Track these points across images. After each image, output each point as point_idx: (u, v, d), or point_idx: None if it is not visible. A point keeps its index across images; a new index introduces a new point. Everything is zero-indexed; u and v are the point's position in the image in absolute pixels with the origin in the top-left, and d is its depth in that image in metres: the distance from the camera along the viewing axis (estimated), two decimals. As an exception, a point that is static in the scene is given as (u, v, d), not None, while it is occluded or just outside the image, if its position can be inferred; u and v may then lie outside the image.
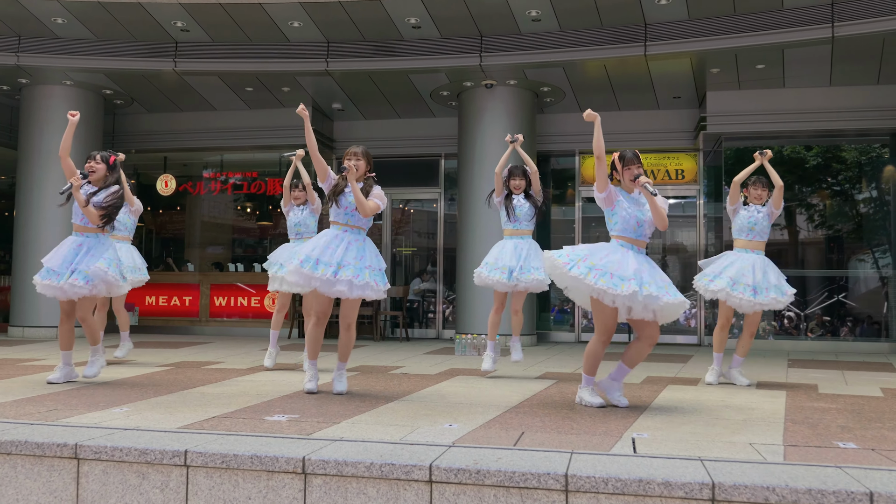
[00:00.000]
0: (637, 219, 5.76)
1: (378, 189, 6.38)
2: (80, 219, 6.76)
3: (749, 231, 7.40)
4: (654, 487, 3.60)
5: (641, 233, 5.79)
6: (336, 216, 6.31)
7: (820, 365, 9.63)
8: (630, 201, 5.82)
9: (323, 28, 11.58)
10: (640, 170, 5.84)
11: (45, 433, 4.48)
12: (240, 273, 14.51)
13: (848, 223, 13.14)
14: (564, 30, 11.39)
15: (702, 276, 7.45)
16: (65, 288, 6.55)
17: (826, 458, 4.14)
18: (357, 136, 14.76)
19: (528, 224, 7.78)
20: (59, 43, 12.17)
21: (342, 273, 6.07)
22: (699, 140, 13.30)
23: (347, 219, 6.28)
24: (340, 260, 6.10)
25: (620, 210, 5.77)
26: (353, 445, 4.24)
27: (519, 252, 7.63)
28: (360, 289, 6.11)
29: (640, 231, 5.79)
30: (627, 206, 5.79)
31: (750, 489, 3.53)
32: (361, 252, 6.21)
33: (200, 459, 4.09)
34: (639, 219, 5.76)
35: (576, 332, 14.00)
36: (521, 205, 7.76)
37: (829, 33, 10.36)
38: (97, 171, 6.82)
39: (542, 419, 5.26)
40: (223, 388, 6.73)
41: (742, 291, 7.10)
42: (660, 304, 5.51)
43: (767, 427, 5.09)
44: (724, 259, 7.44)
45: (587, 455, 4.07)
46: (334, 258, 6.09)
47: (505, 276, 7.54)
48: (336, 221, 6.31)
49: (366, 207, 6.18)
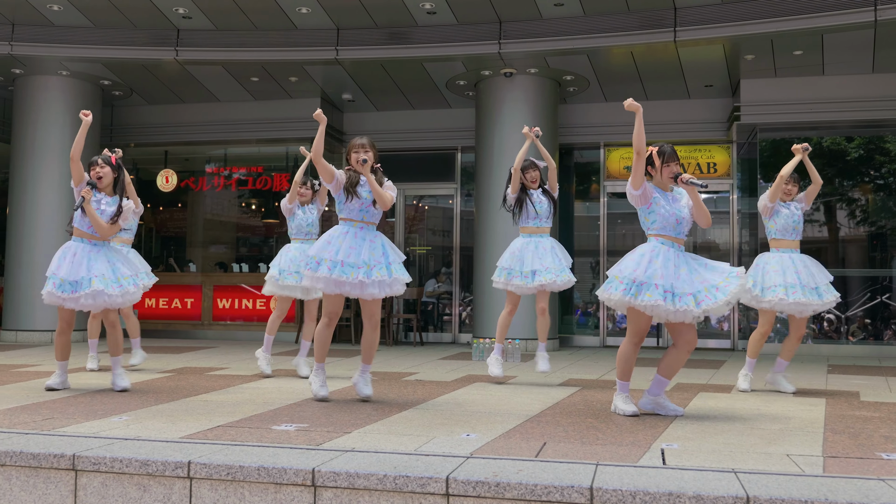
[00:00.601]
0: (676, 216, 5.75)
1: (388, 181, 6.46)
2: (87, 226, 6.76)
3: (793, 231, 7.34)
4: (684, 501, 3.60)
5: (681, 230, 5.79)
6: (349, 213, 6.33)
7: (862, 371, 9.58)
8: (666, 198, 5.80)
9: (332, 14, 11.61)
10: (679, 167, 5.82)
11: (41, 443, 4.51)
12: (244, 274, 14.54)
13: (892, 219, 13.05)
14: (589, 14, 11.38)
15: None
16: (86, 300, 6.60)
17: (868, 470, 4.12)
18: (369, 128, 14.79)
19: (549, 221, 7.79)
20: (54, 31, 12.25)
21: (375, 273, 6.16)
22: (732, 131, 13.25)
23: (363, 215, 6.33)
24: (368, 259, 6.18)
25: (658, 208, 5.74)
26: (365, 456, 4.25)
27: (542, 252, 7.62)
28: (389, 286, 6.23)
29: (680, 229, 5.78)
30: (664, 203, 5.77)
31: (787, 503, 3.52)
32: (383, 248, 6.31)
33: (204, 471, 4.11)
34: (678, 216, 5.75)
35: (601, 335, 13.98)
36: (540, 201, 7.76)
37: (872, 17, 10.29)
38: (105, 177, 6.85)
39: (565, 429, 5.26)
40: (227, 395, 6.76)
41: (799, 295, 7.07)
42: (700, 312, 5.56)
43: (805, 437, 5.07)
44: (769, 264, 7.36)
45: (613, 467, 4.07)
46: (360, 259, 6.17)
47: (528, 280, 7.56)
48: (349, 218, 6.34)
49: (385, 198, 6.27)
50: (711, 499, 3.58)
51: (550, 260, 7.58)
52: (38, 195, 13.01)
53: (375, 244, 6.29)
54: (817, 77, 12.55)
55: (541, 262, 7.57)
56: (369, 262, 6.17)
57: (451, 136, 14.49)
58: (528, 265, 7.58)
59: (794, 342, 7.39)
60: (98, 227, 6.66)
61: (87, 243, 6.75)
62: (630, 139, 5.93)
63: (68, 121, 13.17)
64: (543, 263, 7.56)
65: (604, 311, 14.01)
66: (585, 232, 14.30)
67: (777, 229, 7.40)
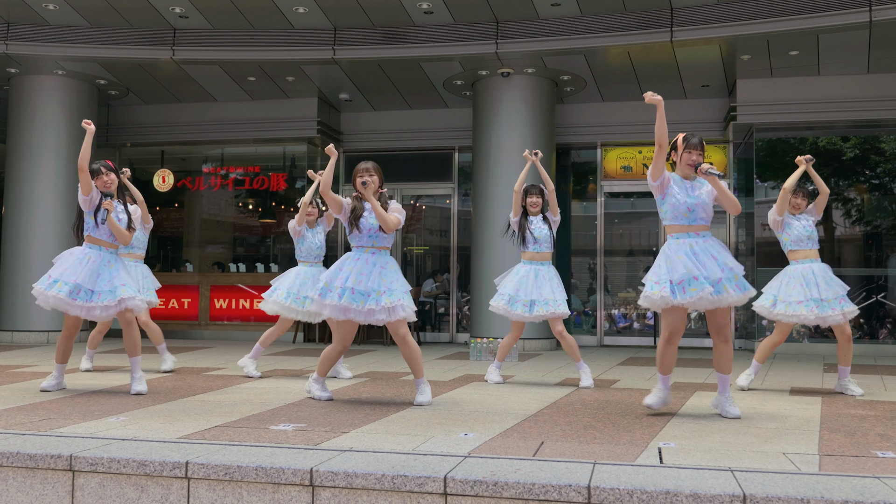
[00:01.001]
0: (687, 204, 5.75)
1: (395, 203, 6.48)
2: (107, 234, 6.80)
3: (808, 240, 7.29)
4: (681, 500, 3.61)
5: (695, 217, 5.77)
6: (359, 241, 6.37)
7: (858, 370, 9.59)
8: (683, 187, 5.81)
9: (329, 13, 11.61)
10: (702, 157, 5.81)
11: (38, 444, 4.52)
12: (242, 273, 14.55)
13: (888, 218, 13.08)
14: (585, 14, 11.39)
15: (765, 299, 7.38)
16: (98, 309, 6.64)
17: (864, 468, 4.13)
18: (365, 128, 14.80)
19: (549, 247, 7.81)
20: (50, 30, 12.24)
21: (384, 300, 6.18)
22: (729, 131, 13.27)
23: (373, 241, 6.36)
24: (378, 286, 6.21)
25: (670, 198, 5.76)
26: (363, 456, 4.26)
27: (541, 282, 7.68)
28: (395, 312, 6.20)
29: (694, 216, 5.77)
30: (678, 191, 5.77)
31: (783, 501, 3.53)
32: (394, 274, 6.32)
33: (202, 471, 4.11)
34: (689, 204, 5.75)
35: (598, 335, 14.00)
36: (539, 227, 7.79)
37: (867, 17, 10.32)
38: (113, 183, 6.89)
39: (562, 428, 5.27)
40: (225, 395, 6.77)
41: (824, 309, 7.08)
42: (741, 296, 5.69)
43: (802, 435, 5.08)
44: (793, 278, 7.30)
45: (611, 466, 4.08)
46: (370, 286, 6.19)
47: (527, 310, 7.62)
48: (360, 245, 6.38)
49: (389, 222, 6.26)
50: (708, 497, 3.59)
51: (549, 290, 7.63)
52: (33, 195, 12.99)
53: (386, 270, 6.31)
54: (813, 77, 12.57)
55: (539, 293, 7.63)
56: (379, 289, 6.20)
57: (449, 136, 14.49)
58: (528, 294, 7.65)
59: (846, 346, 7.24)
60: (121, 237, 6.79)
61: (104, 252, 6.81)
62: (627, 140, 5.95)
63: (64, 120, 13.16)
64: (542, 294, 7.61)
65: (601, 311, 14.02)
66: (582, 232, 14.31)
67: (791, 240, 7.34)
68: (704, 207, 5.79)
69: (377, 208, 6.24)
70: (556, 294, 7.65)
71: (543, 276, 7.72)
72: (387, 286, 6.22)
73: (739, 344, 13.26)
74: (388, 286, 6.23)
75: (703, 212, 5.79)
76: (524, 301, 7.63)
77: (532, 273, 7.74)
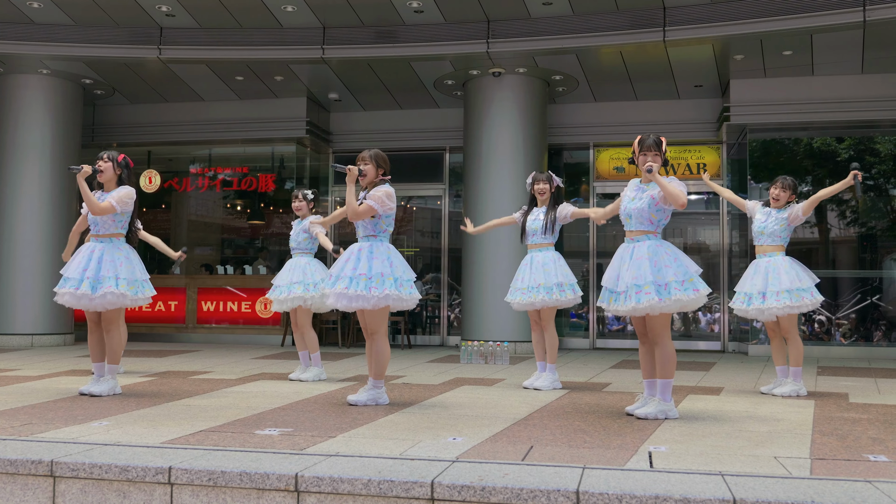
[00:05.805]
0: (626, 210, 5.93)
1: (377, 191, 6.39)
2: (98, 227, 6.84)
3: (760, 235, 7.42)
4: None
5: (632, 225, 5.91)
6: (358, 229, 6.53)
7: (851, 372, 9.62)
8: (634, 193, 5.96)
9: (318, 12, 11.61)
10: (657, 159, 5.79)
11: (19, 449, 4.50)
12: (230, 276, 14.51)
13: (882, 220, 13.12)
14: (577, 14, 11.41)
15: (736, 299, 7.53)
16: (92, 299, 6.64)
17: (855, 472, 4.14)
18: (355, 128, 14.80)
19: (545, 238, 7.76)
20: (35, 28, 12.20)
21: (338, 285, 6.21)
22: (722, 132, 13.30)
23: (364, 230, 6.46)
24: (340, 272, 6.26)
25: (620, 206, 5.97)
26: (349, 461, 4.25)
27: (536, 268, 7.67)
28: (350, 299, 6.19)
29: (631, 224, 5.91)
30: (626, 201, 5.97)
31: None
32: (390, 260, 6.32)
33: (186, 476, 4.10)
34: (627, 209, 5.92)
35: (590, 338, 14.01)
36: (534, 219, 7.78)
37: (861, 17, 10.36)
38: (106, 171, 6.90)
39: (552, 432, 5.27)
40: (211, 399, 6.75)
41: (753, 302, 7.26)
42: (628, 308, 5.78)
43: (794, 439, 5.09)
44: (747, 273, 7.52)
45: (600, 470, 4.08)
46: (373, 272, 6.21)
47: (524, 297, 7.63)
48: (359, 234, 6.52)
49: (351, 209, 6.31)
50: (698, 501, 3.59)
51: (542, 276, 7.60)
52: (17, 196, 12.94)
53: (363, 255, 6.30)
54: (807, 77, 12.61)
55: (532, 279, 7.62)
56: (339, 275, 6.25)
57: (440, 137, 14.51)
58: (525, 282, 7.67)
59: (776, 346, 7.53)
60: (89, 203, 6.64)
61: (103, 242, 6.83)
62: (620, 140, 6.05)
63: (49, 120, 13.13)
64: (535, 280, 7.60)
65: (593, 314, 14.03)
66: (575, 233, 14.32)
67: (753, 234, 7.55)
68: (639, 213, 5.86)
69: (348, 195, 6.31)
70: (548, 280, 7.56)
71: (538, 261, 7.69)
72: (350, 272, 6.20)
73: (733, 347, 13.28)
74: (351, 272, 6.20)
75: (638, 218, 5.87)
76: (522, 289, 7.67)
77: (528, 260, 7.78)
